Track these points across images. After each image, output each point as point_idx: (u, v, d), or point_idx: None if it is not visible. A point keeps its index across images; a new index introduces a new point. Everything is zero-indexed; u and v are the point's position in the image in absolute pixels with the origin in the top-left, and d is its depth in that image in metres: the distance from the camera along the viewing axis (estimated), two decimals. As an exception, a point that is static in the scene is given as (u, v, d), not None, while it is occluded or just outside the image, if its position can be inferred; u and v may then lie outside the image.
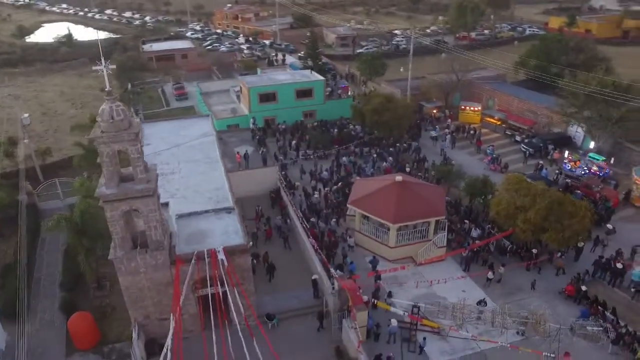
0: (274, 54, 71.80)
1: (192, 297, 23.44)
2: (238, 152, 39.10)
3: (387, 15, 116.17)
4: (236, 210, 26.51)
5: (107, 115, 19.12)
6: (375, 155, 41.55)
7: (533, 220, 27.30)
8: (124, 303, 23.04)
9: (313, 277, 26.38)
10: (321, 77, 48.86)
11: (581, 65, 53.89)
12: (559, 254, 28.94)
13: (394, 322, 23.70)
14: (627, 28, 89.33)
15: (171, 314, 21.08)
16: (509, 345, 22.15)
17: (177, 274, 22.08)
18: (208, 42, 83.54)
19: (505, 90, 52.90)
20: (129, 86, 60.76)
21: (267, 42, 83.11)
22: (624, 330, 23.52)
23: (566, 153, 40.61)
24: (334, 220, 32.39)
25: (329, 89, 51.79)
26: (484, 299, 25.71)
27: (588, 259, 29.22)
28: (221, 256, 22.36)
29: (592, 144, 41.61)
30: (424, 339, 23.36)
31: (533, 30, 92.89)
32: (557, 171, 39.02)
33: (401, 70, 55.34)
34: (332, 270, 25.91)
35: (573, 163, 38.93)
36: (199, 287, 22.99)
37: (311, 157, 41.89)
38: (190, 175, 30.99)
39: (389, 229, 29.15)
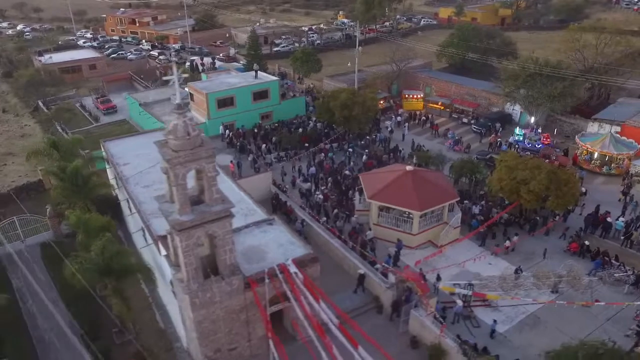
0: (192, 59, 67.96)
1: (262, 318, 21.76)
2: (232, 162, 36.73)
3: (283, 12, 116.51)
4: (277, 219, 25.07)
5: (182, 132, 16.86)
6: (350, 150, 41.94)
7: (536, 191, 30.06)
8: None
9: (360, 272, 25.97)
10: (274, 78, 47.68)
11: (496, 50, 60.10)
12: (556, 217, 32.31)
13: (459, 302, 24.54)
14: (503, 16, 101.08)
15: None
16: (566, 302, 24.29)
17: (256, 297, 20.30)
18: (110, 50, 75.96)
19: (442, 77, 56.78)
20: (39, 103, 53.00)
21: (176, 46, 78.24)
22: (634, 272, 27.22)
23: (518, 129, 45.01)
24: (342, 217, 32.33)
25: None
26: (520, 266, 27.73)
27: (571, 219, 33.12)
28: (293, 269, 21.07)
29: (532, 120, 46.66)
30: (495, 321, 24.27)
31: (427, 21, 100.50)
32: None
33: (348, 64, 56.28)
34: (384, 264, 25.87)
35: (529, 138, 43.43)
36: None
37: (284, 158, 40.98)
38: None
39: (411, 217, 29.86)
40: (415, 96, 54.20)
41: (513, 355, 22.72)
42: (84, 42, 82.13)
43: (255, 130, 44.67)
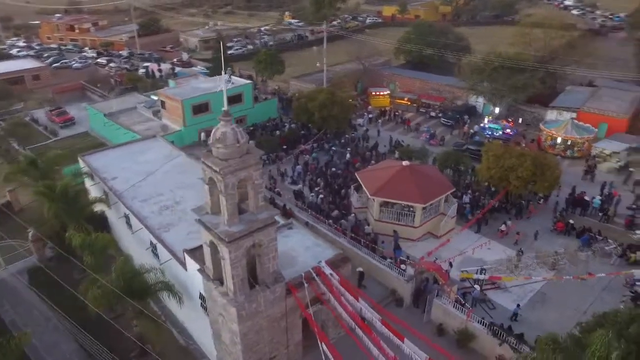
0: (145, 65, 65.27)
1: (299, 324, 21.61)
2: None
3: (227, 14, 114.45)
4: (295, 223, 24.92)
5: (231, 139, 16.40)
6: (333, 149, 42.26)
7: (524, 176, 31.97)
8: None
9: (359, 269, 26.42)
10: (247, 81, 46.95)
11: (451, 45, 62.79)
12: (540, 200, 34.51)
13: (477, 287, 25.63)
14: (443, 12, 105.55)
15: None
16: (572, 277, 26.08)
17: (299, 302, 20.12)
18: (52, 59, 70.90)
19: (405, 74, 58.47)
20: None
21: (123, 52, 74.63)
22: (619, 245, 29.71)
23: (486, 120, 47.40)
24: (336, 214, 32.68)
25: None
26: (521, 248, 29.36)
27: (551, 201, 35.48)
28: (328, 270, 21.11)
29: (497, 110, 49.35)
30: (518, 305, 25.23)
31: (372, 19, 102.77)
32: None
33: (317, 65, 56.36)
34: (402, 258, 26.51)
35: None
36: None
37: (267, 162, 40.57)
38: (200, 202, 27.41)
39: (412, 211, 30.69)
40: (381, 93, 55.45)
41: (532, 332, 23.93)
42: (18, 51, 76.12)
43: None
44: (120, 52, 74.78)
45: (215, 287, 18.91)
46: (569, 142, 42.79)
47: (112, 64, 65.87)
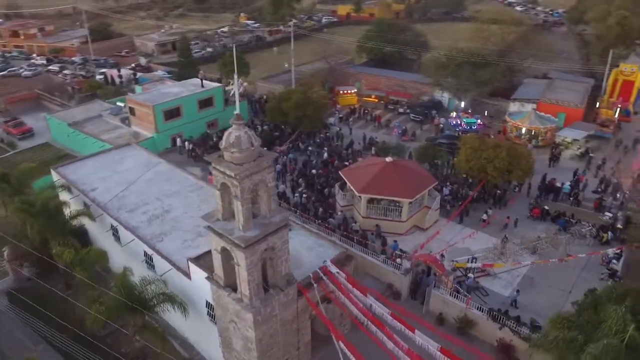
0: (102, 71, 62.71)
1: (309, 325, 21.61)
2: (211, 173, 34.80)
3: (179, 17, 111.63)
4: (294, 224, 24.84)
5: (246, 143, 16.19)
6: (310, 149, 42.36)
7: (500, 167, 33.36)
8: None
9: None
10: (217, 84, 46.15)
11: (411, 42, 64.35)
12: (516, 189, 36.12)
13: (471, 276, 26.52)
14: (396, 10, 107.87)
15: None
16: (557, 259, 27.47)
17: (312, 303, 20.12)
18: (-7, 68, 66.57)
19: (370, 71, 59.35)
20: None
21: (76, 59, 71.26)
22: (593, 226, 31.61)
23: (454, 114, 48.91)
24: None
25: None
26: (506, 235, 30.60)
27: (524, 189, 37.21)
28: (334, 269, 21.24)
29: (462, 104, 51.10)
30: (517, 291, 26.29)
31: (328, 19, 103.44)
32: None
33: (285, 65, 55.99)
34: (398, 252, 27.01)
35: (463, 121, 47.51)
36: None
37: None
38: (190, 210, 26.86)
39: (399, 206, 31.31)
40: (349, 92, 56.04)
41: (525, 314, 25.01)
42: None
43: (214, 139, 42.93)
44: (73, 58, 71.36)
45: (228, 294, 18.57)
46: (532, 132, 44.97)
47: (66, 71, 62.74)
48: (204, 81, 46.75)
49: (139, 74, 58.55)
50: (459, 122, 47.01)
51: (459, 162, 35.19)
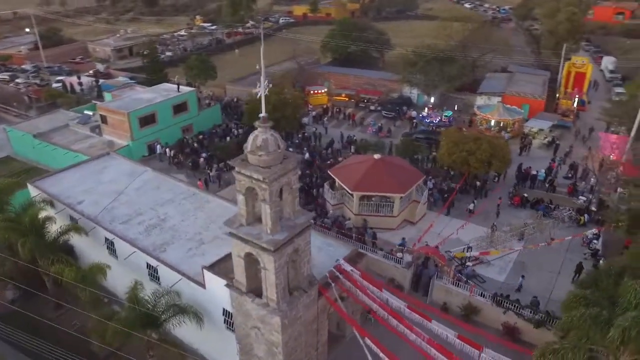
0: (59, 79, 59.68)
1: (327, 324, 21.69)
2: (200, 179, 34.05)
3: (131, 21, 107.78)
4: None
5: (273, 146, 16.08)
6: (290, 150, 42.25)
7: (482, 158, 34.70)
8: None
9: None
10: (191, 88, 45.08)
11: (374, 40, 65.44)
12: (495, 179, 37.66)
13: (470, 264, 27.45)
14: (352, 9, 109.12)
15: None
16: (546, 243, 28.90)
17: (332, 302, 20.21)
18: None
19: (338, 71, 59.82)
20: None
21: (26, 66, 67.32)
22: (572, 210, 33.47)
23: (426, 110, 50.21)
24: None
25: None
26: (494, 223, 31.84)
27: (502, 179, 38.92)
28: (349, 267, 21.44)
29: (432, 100, 52.53)
30: (523, 277, 27.42)
31: (285, 20, 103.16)
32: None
33: (257, 67, 55.03)
34: (399, 247, 27.58)
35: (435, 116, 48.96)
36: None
37: (225, 169, 39.59)
38: (187, 218, 26.25)
39: (390, 201, 31.92)
40: (319, 91, 56.28)
41: (523, 297, 26.29)
42: None
43: (196, 145, 42.00)
44: (23, 66, 67.38)
45: (252, 300, 18.33)
46: (501, 124, 46.96)
47: (18, 80, 59.17)
48: (169, 85, 45.67)
49: (101, 81, 56.13)
50: (433, 118, 48.38)
51: (442, 156, 36.25)
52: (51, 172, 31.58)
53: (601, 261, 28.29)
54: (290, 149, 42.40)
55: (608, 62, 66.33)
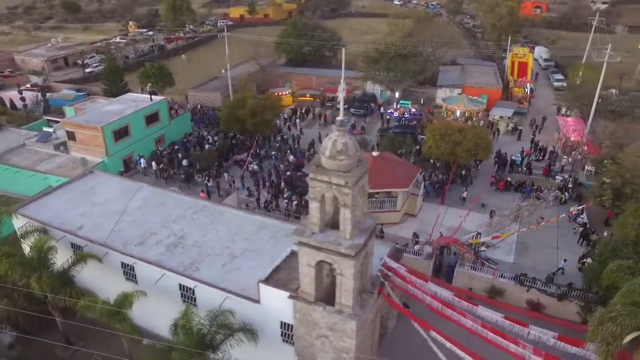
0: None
1: (379, 322, 21.69)
2: (202, 191, 32.11)
3: (55, 29, 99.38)
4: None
5: (352, 149, 15.82)
6: (274, 154, 41.54)
7: (468, 148, 36.29)
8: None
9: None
10: (161, 97, 42.63)
11: (327, 39, 65.90)
12: (478, 167, 39.51)
13: (484, 249, 28.63)
14: (289, 10, 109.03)
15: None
16: (545, 222, 30.79)
17: (391, 301, 20.25)
18: None
19: (299, 71, 59.50)
20: None
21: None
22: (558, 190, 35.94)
23: (395, 105, 51.47)
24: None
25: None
26: (493, 209, 33.40)
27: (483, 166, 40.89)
28: (394, 264, 21.60)
29: (396, 95, 53.90)
30: (565, 260, 28.89)
31: (223, 22, 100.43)
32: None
33: (222, 72, 53.01)
34: (417, 239, 28.25)
35: (400, 111, 50.31)
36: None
37: (207, 179, 38.12)
38: (208, 232, 24.96)
39: (393, 196, 32.46)
40: (283, 93, 55.70)
41: (533, 275, 27.81)
42: None
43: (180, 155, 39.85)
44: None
45: (322, 309, 17.89)
46: (466, 114, 49.33)
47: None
48: (134, 95, 43.08)
49: (48, 94, 51.44)
50: (403, 113, 49.77)
51: (429, 149, 37.37)
52: (31, 197, 28.49)
53: (594, 233, 30.99)
54: (274, 153, 41.74)
55: (541, 51, 71.87)
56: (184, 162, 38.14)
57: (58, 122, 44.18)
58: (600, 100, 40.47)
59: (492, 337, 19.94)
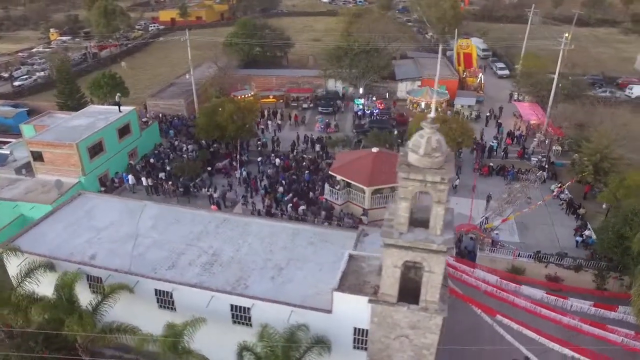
0: None
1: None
2: (213, 205, 29.89)
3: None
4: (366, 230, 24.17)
5: (444, 145, 15.74)
6: (260, 159, 40.27)
7: (455, 137, 37.66)
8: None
9: None
10: (130, 107, 39.43)
11: (277, 39, 65.03)
12: (460, 155, 41.12)
13: (497, 232, 29.91)
14: (221, 11, 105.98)
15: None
16: (538, 203, 32.75)
17: (456, 292, 20.45)
18: None
19: (258, 73, 57.99)
20: None
21: None
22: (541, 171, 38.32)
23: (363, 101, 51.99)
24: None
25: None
26: (490, 193, 34.90)
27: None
28: (446, 256, 21.92)
29: (360, 91, 54.45)
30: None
31: (154, 26, 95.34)
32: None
33: (187, 77, 49.62)
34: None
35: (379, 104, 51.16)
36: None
37: (195, 190, 36.13)
38: (241, 246, 23.62)
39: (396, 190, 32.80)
40: (245, 96, 54.08)
41: (544, 250, 29.61)
42: None
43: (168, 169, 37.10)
44: None
45: (407, 309, 17.67)
46: (431, 106, 51.00)
47: None
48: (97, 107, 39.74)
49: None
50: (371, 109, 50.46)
51: (417, 141, 38.15)
52: (22, 230, 25.20)
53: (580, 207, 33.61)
54: (260, 158, 40.48)
55: (478, 42, 76.14)
56: (161, 175, 35.77)
57: (8, 142, 39.69)
58: (560, 85, 43.74)
59: (546, 313, 21.02)
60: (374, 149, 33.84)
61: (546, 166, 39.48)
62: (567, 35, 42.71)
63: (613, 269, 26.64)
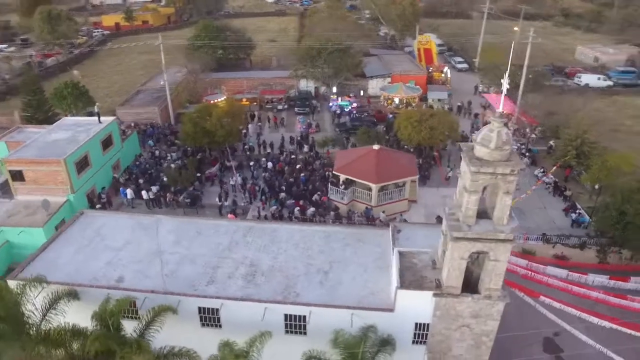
0: None
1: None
2: (230, 214, 28.54)
3: None
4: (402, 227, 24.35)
5: (511, 138, 16.16)
6: (252, 163, 39.36)
7: (444, 131, 38.85)
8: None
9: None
10: (111, 118, 37.06)
11: (240, 41, 63.84)
12: (445, 148, 42.43)
13: (505, 220, 31.17)
14: (167, 14, 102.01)
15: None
16: (533, 187, 34.56)
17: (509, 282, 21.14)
18: None
19: (228, 76, 56.54)
20: None
21: None
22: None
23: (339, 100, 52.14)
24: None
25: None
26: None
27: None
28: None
29: (333, 90, 54.61)
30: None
31: (98, 32, 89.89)
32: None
33: (161, 82, 46.83)
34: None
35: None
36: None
37: (187, 198, 34.84)
38: (278, 253, 23.07)
39: (400, 186, 33.41)
40: (217, 100, 52.60)
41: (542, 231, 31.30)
42: None
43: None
44: None
45: (470, 299, 18.12)
46: (405, 101, 52.34)
47: None
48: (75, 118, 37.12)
49: None
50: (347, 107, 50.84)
51: (410, 137, 39.01)
52: (25, 260, 23.00)
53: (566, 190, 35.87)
54: (252, 163, 39.55)
55: (432, 38, 78.81)
56: (153, 189, 34.07)
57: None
58: (530, 76, 46.30)
59: (576, 290, 22.33)
60: (375, 146, 34.16)
61: (526, 153, 41.67)
62: (516, 29, 45.21)
63: (613, 244, 28.71)
